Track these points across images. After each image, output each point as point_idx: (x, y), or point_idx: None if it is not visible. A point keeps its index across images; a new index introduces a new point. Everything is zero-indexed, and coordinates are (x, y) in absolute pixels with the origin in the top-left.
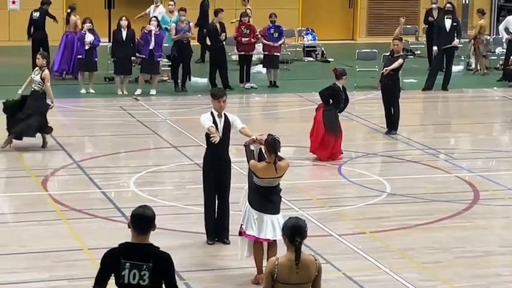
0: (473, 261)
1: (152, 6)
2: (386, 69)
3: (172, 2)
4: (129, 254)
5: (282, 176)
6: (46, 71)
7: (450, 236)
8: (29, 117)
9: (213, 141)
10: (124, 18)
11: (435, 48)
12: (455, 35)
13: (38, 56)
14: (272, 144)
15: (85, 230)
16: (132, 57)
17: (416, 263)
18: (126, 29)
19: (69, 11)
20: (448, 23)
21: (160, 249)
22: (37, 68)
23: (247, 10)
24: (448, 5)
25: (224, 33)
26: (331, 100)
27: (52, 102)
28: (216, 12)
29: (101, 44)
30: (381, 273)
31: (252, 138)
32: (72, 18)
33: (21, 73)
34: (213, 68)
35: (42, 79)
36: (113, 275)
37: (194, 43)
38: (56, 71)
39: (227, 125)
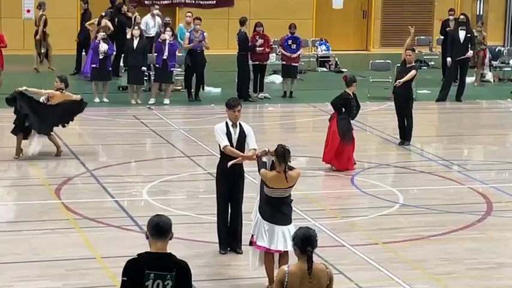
0: (486, 273)
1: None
2: (399, 81)
3: (190, 14)
4: (152, 265)
5: (292, 186)
6: (57, 93)
7: (463, 247)
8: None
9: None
10: (137, 27)
11: (449, 60)
12: (469, 46)
13: (57, 79)
14: (281, 153)
15: (98, 238)
16: (143, 68)
17: (428, 275)
18: (138, 38)
19: (103, 14)
20: (462, 34)
21: (177, 257)
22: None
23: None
24: (462, 17)
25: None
26: (343, 109)
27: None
28: (243, 22)
29: (115, 53)
30: (393, 284)
31: (264, 150)
32: (104, 21)
33: (34, 82)
34: (245, 77)
35: (50, 96)
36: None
37: (208, 53)
38: (86, 73)
39: (242, 135)
